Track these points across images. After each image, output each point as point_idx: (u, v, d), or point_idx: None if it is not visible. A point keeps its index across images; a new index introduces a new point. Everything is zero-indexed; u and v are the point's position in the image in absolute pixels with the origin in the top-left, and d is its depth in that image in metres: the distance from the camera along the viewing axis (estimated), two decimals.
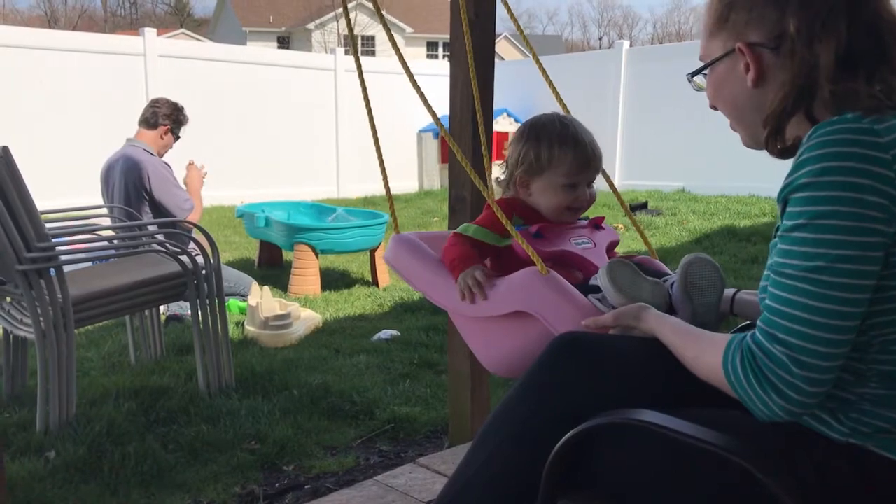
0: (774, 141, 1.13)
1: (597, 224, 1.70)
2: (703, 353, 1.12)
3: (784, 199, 1.04)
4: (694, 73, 1.24)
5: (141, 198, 4.19)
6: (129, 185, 4.17)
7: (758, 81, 1.13)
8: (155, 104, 4.38)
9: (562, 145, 1.60)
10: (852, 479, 1.04)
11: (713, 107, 1.24)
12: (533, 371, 1.24)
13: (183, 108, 4.44)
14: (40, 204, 2.62)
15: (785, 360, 1.00)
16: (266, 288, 4.20)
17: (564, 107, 1.97)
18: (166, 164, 4.33)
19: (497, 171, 1.71)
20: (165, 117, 4.32)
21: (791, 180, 1.02)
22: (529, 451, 1.19)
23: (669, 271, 1.53)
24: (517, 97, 12.05)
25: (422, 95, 1.86)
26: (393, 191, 1.95)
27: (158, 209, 4.24)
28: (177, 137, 4.44)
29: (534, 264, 1.48)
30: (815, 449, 1.07)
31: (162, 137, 4.33)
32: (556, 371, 1.21)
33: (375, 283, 5.26)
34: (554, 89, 2.03)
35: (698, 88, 1.25)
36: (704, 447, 0.97)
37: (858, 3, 1.06)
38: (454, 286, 1.58)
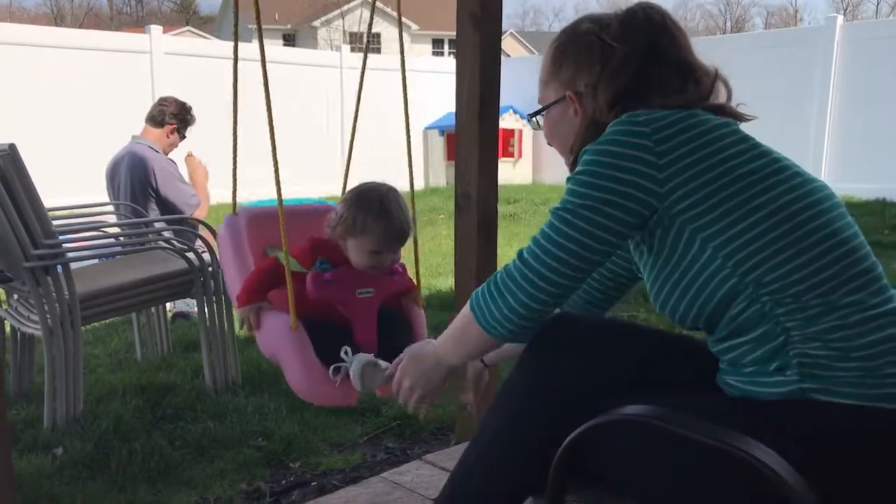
0: (575, 165, 1.31)
1: (392, 272, 1.99)
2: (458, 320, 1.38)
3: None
4: (533, 115, 1.45)
5: (147, 195, 4.19)
6: (135, 182, 4.17)
7: (582, 123, 1.35)
8: (163, 103, 4.37)
9: (374, 220, 1.88)
10: (812, 435, 1.09)
11: (549, 143, 1.47)
12: (523, 356, 1.32)
13: (191, 108, 4.43)
14: (47, 201, 2.63)
15: (513, 265, 1.26)
16: None
17: None
18: (171, 160, 4.33)
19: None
20: (172, 116, 4.32)
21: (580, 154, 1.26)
22: (525, 435, 1.26)
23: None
24: (523, 94, 11.97)
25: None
26: (399, 188, 2.00)
27: (165, 206, 4.25)
28: (182, 137, 4.44)
29: (313, 303, 1.86)
30: (773, 412, 1.12)
31: (168, 136, 4.33)
32: (542, 354, 1.28)
33: None
34: None
35: (536, 127, 1.47)
36: (710, 443, 0.97)
37: (659, 56, 1.28)
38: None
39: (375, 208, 1.89)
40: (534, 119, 1.46)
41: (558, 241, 1.21)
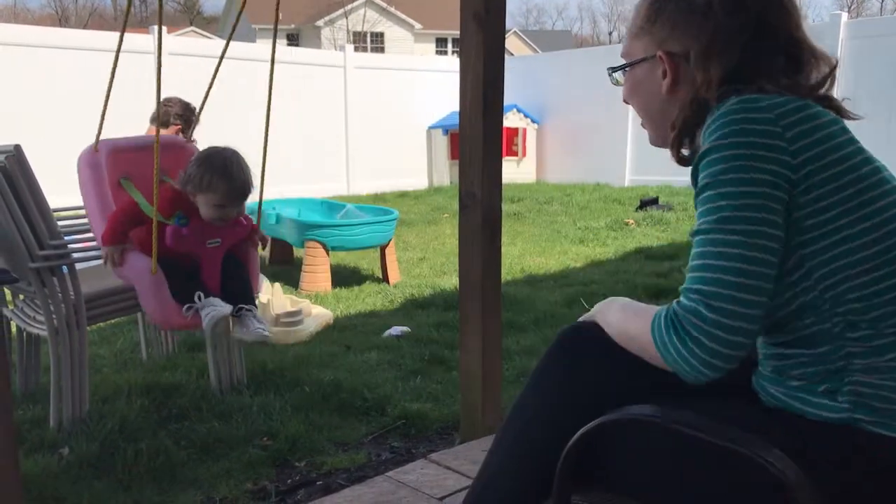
0: (679, 145, 1.23)
1: (236, 222, 2.51)
2: (640, 330, 1.15)
3: (695, 167, 1.11)
4: (615, 69, 1.33)
5: None
6: None
7: (671, 89, 1.22)
8: (167, 103, 4.37)
9: (219, 178, 2.35)
10: (856, 464, 1.04)
11: (626, 101, 1.33)
12: (542, 364, 1.28)
13: (195, 108, 4.42)
14: (52, 202, 2.63)
15: (697, 307, 1.04)
16: (277, 285, 4.21)
17: None
18: None
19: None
20: (177, 116, 4.31)
21: (698, 154, 1.10)
22: (546, 443, 1.21)
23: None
24: (527, 93, 12.04)
25: None
26: (402, 187, 2.01)
27: None
28: (188, 137, 4.43)
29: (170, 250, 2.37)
30: (816, 435, 1.07)
31: None
32: (562, 361, 1.25)
33: (386, 279, 5.26)
34: None
35: (616, 83, 1.35)
36: (721, 444, 0.96)
37: (768, 29, 1.16)
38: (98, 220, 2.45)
39: (219, 169, 2.34)
40: (613, 75, 1.34)
41: (730, 254, 1.04)
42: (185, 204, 2.39)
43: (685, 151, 1.24)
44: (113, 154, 2.53)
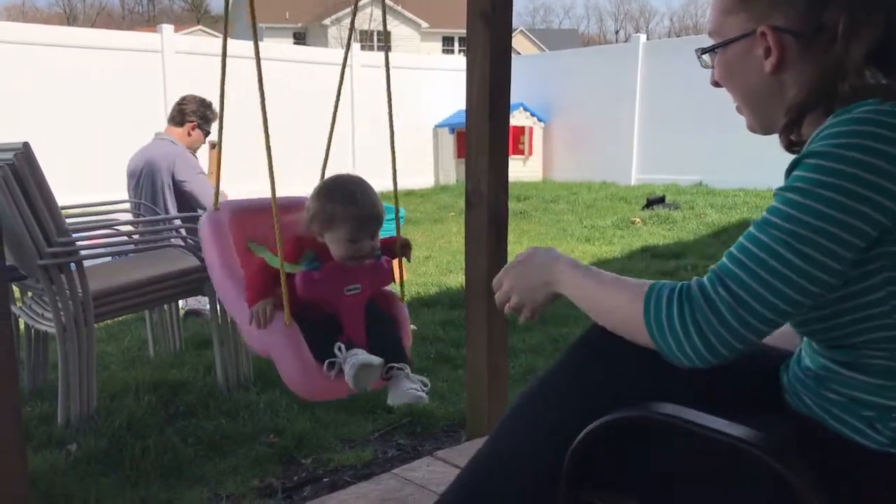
0: (790, 132, 1.09)
1: (377, 266, 2.05)
2: (622, 303, 1.10)
3: (793, 165, 1.01)
4: (706, 50, 1.18)
5: (170, 188, 4.22)
6: (158, 176, 4.19)
7: (777, 68, 1.08)
8: (182, 102, 4.42)
9: (346, 209, 1.94)
10: (889, 492, 1.02)
11: (716, 83, 1.19)
12: (555, 369, 1.22)
13: (211, 104, 4.44)
14: (59, 199, 2.65)
15: (723, 309, 0.97)
16: None
17: None
18: (193, 155, 4.37)
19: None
20: (192, 114, 4.35)
21: (805, 151, 0.99)
22: (552, 447, 1.14)
23: None
24: (533, 92, 12.03)
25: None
26: (409, 186, 2.01)
27: (184, 199, 4.27)
28: (206, 133, 4.46)
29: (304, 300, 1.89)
30: (849, 458, 1.04)
31: (189, 134, 4.35)
32: (576, 368, 1.19)
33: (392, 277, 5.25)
34: None
35: (705, 66, 1.20)
36: (731, 443, 0.95)
37: None
38: (239, 295, 1.95)
39: (344, 197, 1.96)
40: (703, 57, 1.19)
41: (784, 274, 0.95)
42: (314, 246, 1.99)
43: (793, 137, 1.10)
44: (236, 215, 2.14)
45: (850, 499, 1.01)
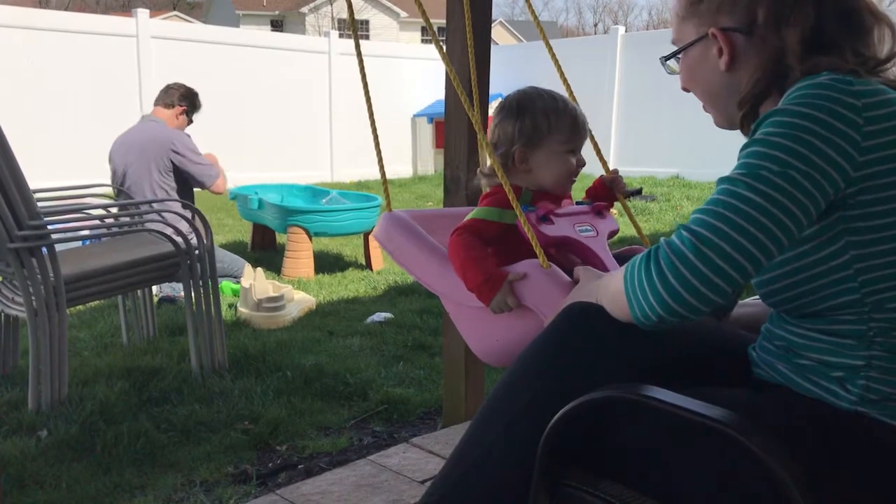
0: (749, 122, 1.15)
1: (598, 211, 1.65)
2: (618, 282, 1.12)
3: (758, 125, 1.06)
4: (667, 57, 1.26)
5: (166, 169, 4.18)
6: (155, 156, 4.15)
7: (730, 65, 1.16)
8: (171, 87, 4.41)
9: (556, 112, 1.60)
10: (860, 449, 1.04)
11: (685, 89, 1.27)
12: (542, 341, 1.22)
13: (198, 94, 4.48)
14: (33, 184, 2.61)
15: (681, 245, 1.01)
16: (259, 270, 4.19)
17: (569, 89, 1.96)
18: (188, 134, 4.34)
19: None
20: (182, 98, 4.35)
21: (769, 112, 1.05)
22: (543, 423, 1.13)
23: None
24: (512, 82, 11.98)
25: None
26: (387, 175, 1.95)
27: (184, 180, 4.25)
28: (190, 121, 4.45)
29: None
30: (820, 420, 1.07)
31: (177, 118, 4.35)
32: (565, 342, 1.18)
33: (369, 266, 5.25)
34: (561, 73, 2.04)
35: (671, 72, 1.28)
36: (705, 424, 0.96)
37: None
38: (449, 272, 1.56)
39: (547, 101, 1.63)
40: (667, 63, 1.27)
41: (749, 213, 0.98)
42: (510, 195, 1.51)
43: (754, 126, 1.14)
44: (416, 217, 1.75)
45: (825, 460, 1.02)
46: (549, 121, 1.59)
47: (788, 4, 1.09)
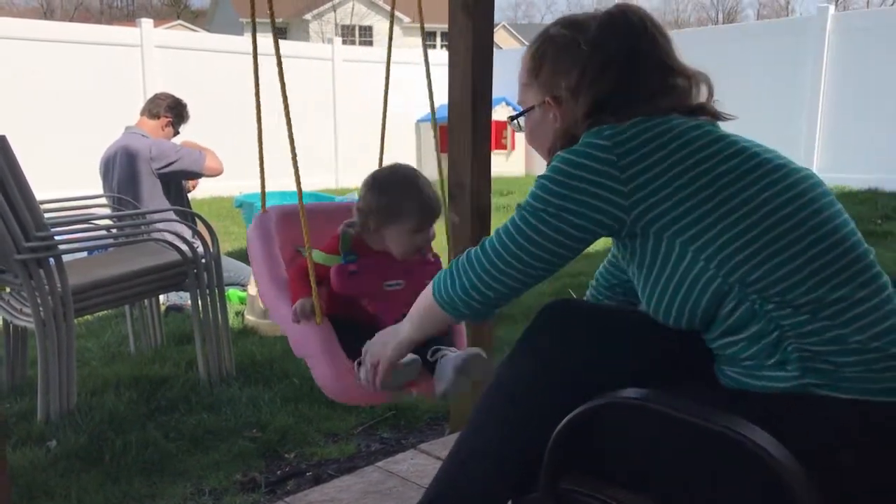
0: None
1: (424, 261, 1.92)
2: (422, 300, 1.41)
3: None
4: (514, 118, 1.46)
5: (146, 180, 4.15)
6: (133, 169, 4.12)
7: (562, 124, 1.34)
8: (159, 96, 4.38)
9: (409, 199, 1.82)
10: (814, 429, 1.08)
11: (530, 143, 1.46)
12: (527, 338, 1.30)
13: (186, 105, 4.42)
14: (38, 195, 2.62)
15: (474, 252, 1.30)
16: None
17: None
18: (162, 139, 4.29)
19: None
20: (168, 109, 4.31)
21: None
22: (534, 417, 1.22)
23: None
24: (515, 86, 12.00)
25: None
26: None
27: (171, 183, 4.22)
28: (176, 132, 4.42)
29: (341, 300, 1.80)
30: (775, 406, 1.11)
31: (162, 129, 4.31)
32: (551, 336, 1.26)
33: None
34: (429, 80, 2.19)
35: (518, 129, 1.46)
36: (703, 426, 0.97)
37: (638, 58, 1.26)
38: (276, 295, 1.87)
39: (406, 187, 1.84)
40: (515, 121, 1.46)
41: (517, 239, 1.23)
42: (356, 245, 1.86)
43: None
44: (284, 219, 2.04)
45: (794, 443, 1.03)
46: (400, 207, 1.80)
47: (588, 76, 1.27)
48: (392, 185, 1.85)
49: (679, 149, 1.16)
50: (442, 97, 2.37)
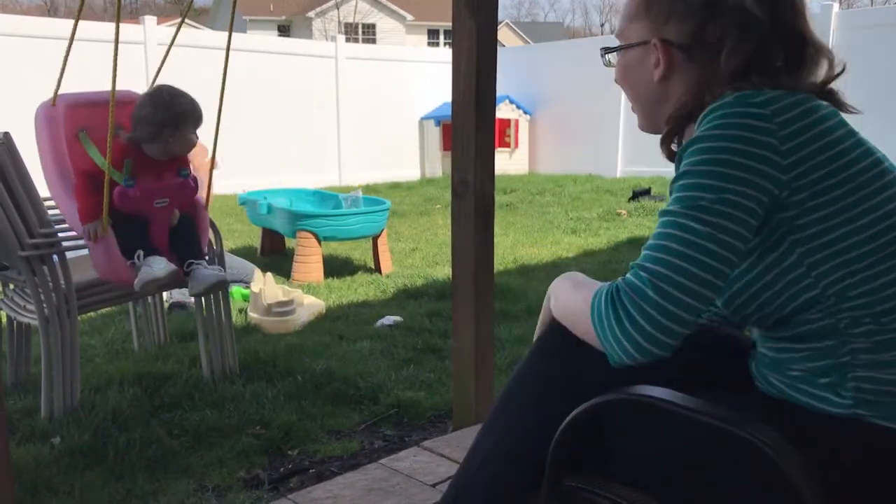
0: (670, 141, 1.20)
1: (184, 184, 2.67)
2: (578, 305, 1.13)
3: (680, 154, 1.09)
4: (608, 51, 1.27)
5: None
6: None
7: (664, 78, 1.18)
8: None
9: (168, 108, 2.57)
10: (860, 455, 1.03)
11: (617, 82, 1.28)
12: (543, 339, 1.26)
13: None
14: (42, 192, 2.62)
15: (643, 286, 1.01)
16: (269, 275, 4.20)
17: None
18: None
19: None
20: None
21: (688, 141, 1.07)
22: (549, 419, 1.16)
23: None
24: (519, 84, 12.02)
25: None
26: (395, 178, 1.99)
27: None
28: None
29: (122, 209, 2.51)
30: (823, 429, 1.06)
31: None
32: (566, 338, 1.19)
33: (378, 269, 5.26)
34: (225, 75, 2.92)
35: (608, 64, 1.29)
36: (711, 424, 0.96)
37: (777, 22, 1.11)
38: (70, 201, 2.58)
39: (164, 101, 2.58)
40: (606, 56, 1.28)
41: (697, 243, 1.00)
42: (135, 155, 2.54)
43: (674, 147, 1.20)
44: (71, 108, 2.66)
45: (827, 468, 1.01)
46: (157, 118, 2.57)
47: (734, 34, 1.10)
48: (159, 101, 2.59)
49: (824, 134, 1.04)
50: (446, 95, 2.36)
